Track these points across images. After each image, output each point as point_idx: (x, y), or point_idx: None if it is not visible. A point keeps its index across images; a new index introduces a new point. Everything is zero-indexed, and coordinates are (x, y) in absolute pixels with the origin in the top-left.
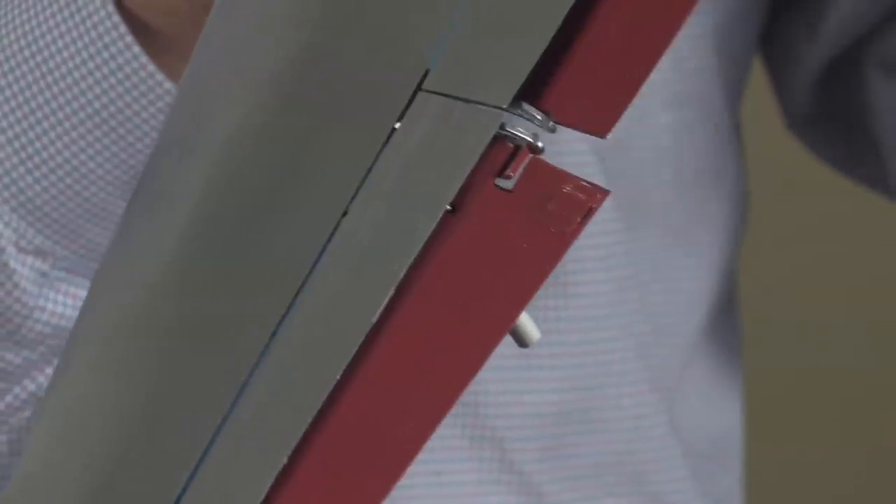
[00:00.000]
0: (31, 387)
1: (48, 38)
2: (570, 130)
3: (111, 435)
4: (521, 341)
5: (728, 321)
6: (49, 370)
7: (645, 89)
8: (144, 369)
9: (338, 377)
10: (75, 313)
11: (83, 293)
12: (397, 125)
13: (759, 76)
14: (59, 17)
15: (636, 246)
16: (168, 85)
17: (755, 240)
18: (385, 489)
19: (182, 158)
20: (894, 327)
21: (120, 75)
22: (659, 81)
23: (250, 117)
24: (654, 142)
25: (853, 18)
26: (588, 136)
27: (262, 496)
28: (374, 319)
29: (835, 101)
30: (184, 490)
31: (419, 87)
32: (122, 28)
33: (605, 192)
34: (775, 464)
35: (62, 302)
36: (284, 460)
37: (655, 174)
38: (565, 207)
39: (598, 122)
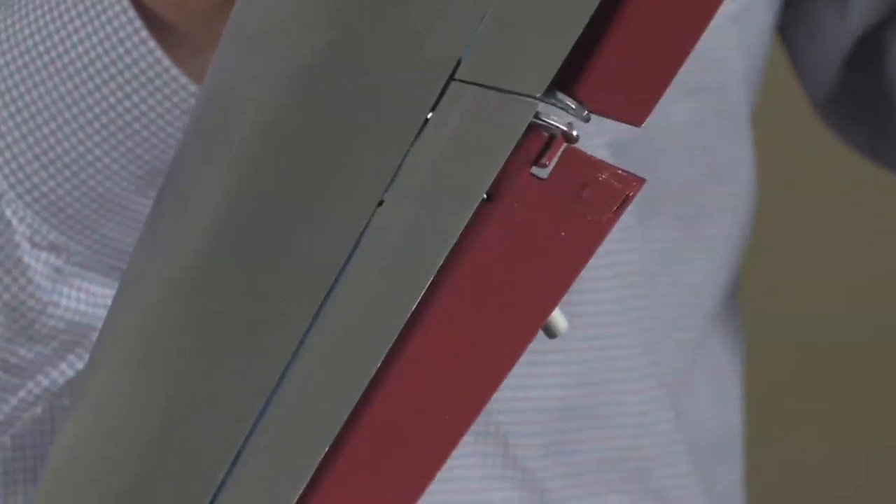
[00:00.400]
0: (45, 382)
1: (63, 33)
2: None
3: (139, 438)
4: (550, 332)
5: (732, 316)
6: (63, 366)
7: None
8: (176, 369)
9: (373, 374)
10: (89, 309)
11: (97, 289)
12: (430, 115)
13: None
14: (73, 13)
15: (646, 238)
16: (184, 80)
17: (756, 237)
18: (420, 488)
19: (210, 154)
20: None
21: (135, 70)
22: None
23: (280, 110)
24: (668, 132)
25: None
26: (602, 127)
27: (297, 497)
28: (410, 313)
29: (861, 82)
30: (217, 491)
31: (452, 77)
32: (138, 23)
33: (642, 181)
34: (776, 460)
35: (76, 297)
36: (319, 460)
37: (669, 165)
38: (601, 196)
39: (632, 110)
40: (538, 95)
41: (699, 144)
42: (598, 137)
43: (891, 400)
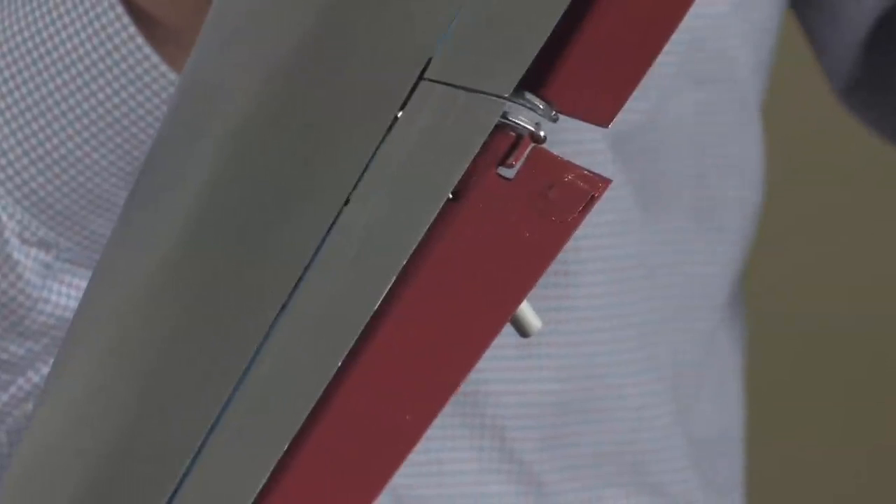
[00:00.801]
0: (35, 378)
1: (51, 29)
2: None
3: (108, 426)
4: (523, 331)
5: (738, 309)
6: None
7: (669, 69)
8: (143, 360)
9: (338, 366)
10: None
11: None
12: (399, 114)
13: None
14: (62, 9)
15: (652, 230)
16: (173, 76)
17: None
18: (384, 479)
19: (183, 148)
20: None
21: (124, 66)
22: (682, 61)
23: (252, 107)
24: (677, 121)
25: None
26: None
27: (261, 485)
28: (376, 308)
29: (882, 65)
30: (181, 480)
31: (422, 76)
32: (126, 19)
33: (607, 182)
34: (776, 458)
35: (66, 293)
36: (282, 452)
37: (677, 154)
38: (567, 196)
39: (600, 112)
40: (506, 95)
41: (710, 135)
42: (598, 129)
43: (891, 398)
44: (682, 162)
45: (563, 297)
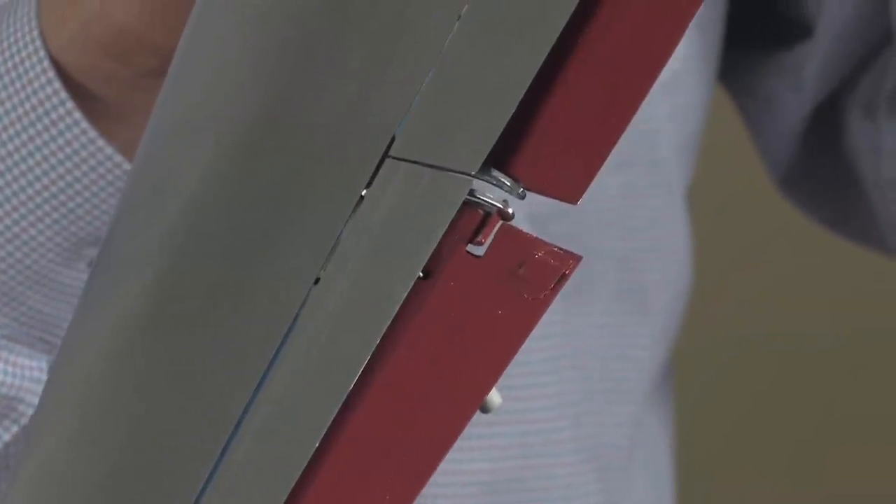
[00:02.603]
0: None
1: None
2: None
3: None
4: (484, 407)
5: (665, 390)
6: None
7: None
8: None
9: (311, 453)
10: (16, 381)
11: (24, 360)
12: (364, 192)
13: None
14: (3, 95)
15: (578, 312)
16: (110, 150)
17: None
18: None
19: (143, 229)
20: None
21: (61, 141)
22: None
23: (214, 185)
24: (599, 205)
25: (834, 60)
26: (525, 200)
27: None
28: (347, 392)
29: (819, 158)
30: None
31: (386, 154)
32: (63, 94)
33: (578, 258)
34: None
35: (2, 370)
36: None
37: (600, 238)
38: (538, 273)
39: (568, 188)
40: (473, 172)
41: (633, 219)
42: (518, 209)
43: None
44: (606, 245)
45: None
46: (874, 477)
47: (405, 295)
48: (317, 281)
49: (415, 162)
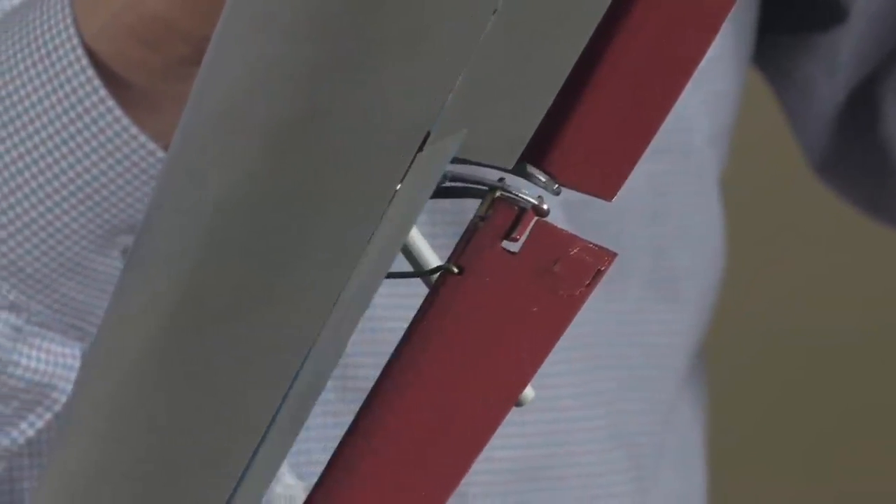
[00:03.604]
0: (5, 442)
1: (21, 92)
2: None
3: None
4: (518, 402)
5: (700, 378)
6: (23, 425)
7: None
8: (151, 432)
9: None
10: (49, 368)
11: (57, 348)
12: (399, 187)
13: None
14: (32, 72)
15: (609, 299)
16: (143, 139)
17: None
18: None
19: (177, 226)
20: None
21: (94, 129)
22: None
23: (248, 181)
24: (630, 194)
25: (870, 43)
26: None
27: None
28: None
29: (856, 142)
30: None
31: (420, 150)
32: (97, 82)
33: (613, 254)
34: None
35: (36, 357)
36: None
37: (632, 225)
38: (573, 270)
39: (603, 184)
40: (509, 168)
41: (666, 206)
42: (552, 197)
43: (854, 465)
44: (639, 233)
45: None
46: None
47: (434, 285)
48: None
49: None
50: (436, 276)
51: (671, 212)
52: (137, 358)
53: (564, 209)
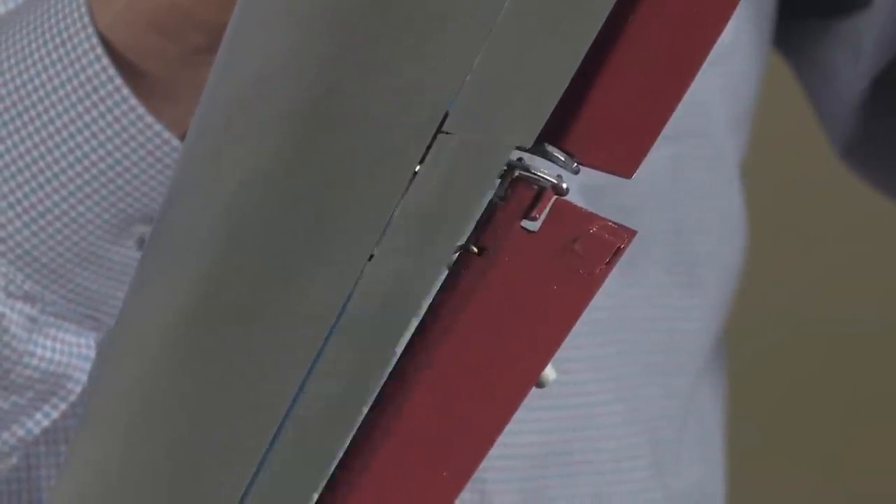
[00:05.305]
0: (20, 432)
1: (36, 82)
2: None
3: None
4: (539, 383)
5: (720, 363)
6: (38, 415)
7: None
8: (170, 426)
9: (367, 424)
10: (64, 358)
11: (72, 338)
12: (418, 168)
13: (778, 72)
14: (47, 61)
15: (628, 284)
16: (159, 128)
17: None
18: None
19: (198, 209)
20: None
21: (110, 118)
22: None
23: (269, 165)
24: (651, 177)
25: (893, 29)
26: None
27: None
28: (397, 355)
29: (879, 124)
30: None
31: (439, 130)
32: (112, 71)
33: (633, 232)
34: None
35: (51, 347)
36: None
37: (652, 210)
38: (592, 248)
39: (621, 162)
40: (527, 147)
41: (686, 191)
42: (570, 181)
43: (872, 454)
44: (658, 218)
45: None
46: None
47: (454, 266)
48: (371, 256)
49: (469, 138)
50: (455, 255)
51: (691, 197)
52: (156, 355)
53: (583, 194)
